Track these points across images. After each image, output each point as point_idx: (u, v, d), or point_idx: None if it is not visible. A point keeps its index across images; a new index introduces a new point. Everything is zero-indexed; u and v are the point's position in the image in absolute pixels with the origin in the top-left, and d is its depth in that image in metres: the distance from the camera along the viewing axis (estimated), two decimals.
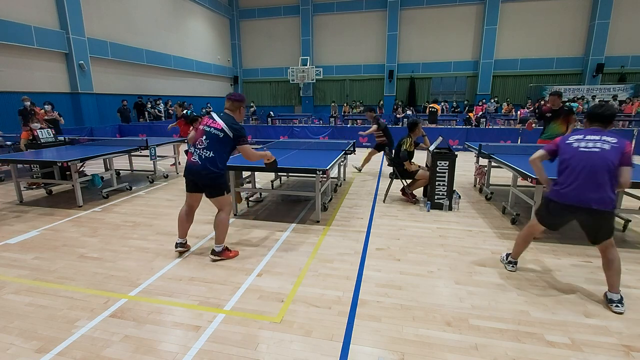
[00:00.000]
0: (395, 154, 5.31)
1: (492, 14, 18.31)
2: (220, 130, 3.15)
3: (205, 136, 3.16)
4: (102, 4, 13.00)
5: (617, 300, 2.54)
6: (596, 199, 2.44)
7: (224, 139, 3.17)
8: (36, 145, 6.59)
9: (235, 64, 22.93)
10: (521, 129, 11.25)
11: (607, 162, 2.42)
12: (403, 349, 2.15)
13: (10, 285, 2.96)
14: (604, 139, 2.50)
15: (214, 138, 3.15)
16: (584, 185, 2.47)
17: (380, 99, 20.53)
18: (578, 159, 2.52)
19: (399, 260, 3.37)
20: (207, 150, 3.14)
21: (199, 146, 3.17)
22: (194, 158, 3.17)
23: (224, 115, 3.24)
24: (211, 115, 3.28)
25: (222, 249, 3.38)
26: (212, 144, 3.15)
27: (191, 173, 3.20)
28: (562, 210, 2.64)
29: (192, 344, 2.20)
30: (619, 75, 17.94)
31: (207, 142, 3.15)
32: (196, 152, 3.17)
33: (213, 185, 3.21)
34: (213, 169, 3.13)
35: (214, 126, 3.17)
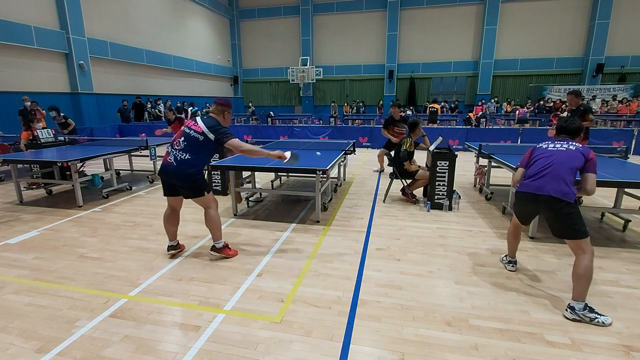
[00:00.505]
0: (395, 154, 5.31)
1: (492, 14, 18.32)
2: (201, 133, 3.05)
3: (184, 138, 3.08)
4: (102, 4, 13.01)
5: (578, 308, 2.39)
6: (555, 189, 2.54)
7: (203, 142, 3.06)
8: (36, 145, 6.59)
9: (235, 64, 22.94)
10: (521, 129, 11.26)
11: (571, 159, 2.59)
12: (403, 349, 2.15)
13: (10, 285, 2.96)
14: (570, 143, 2.70)
15: (192, 140, 3.06)
16: (546, 177, 2.62)
17: (380, 99, 20.54)
18: (545, 155, 2.72)
19: (399, 260, 3.37)
20: (183, 152, 3.05)
21: (176, 147, 3.08)
22: (170, 158, 3.09)
23: (207, 118, 3.14)
24: (195, 118, 3.17)
25: (222, 246, 3.35)
26: (190, 146, 3.06)
27: (166, 174, 3.12)
28: (525, 200, 2.77)
29: (192, 344, 2.20)
30: (619, 75, 17.95)
31: (184, 144, 3.06)
32: (172, 152, 3.09)
33: (191, 186, 3.13)
34: (188, 170, 3.04)
35: (194, 129, 3.07)
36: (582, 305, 2.41)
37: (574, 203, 2.52)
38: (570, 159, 2.60)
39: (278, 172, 6.19)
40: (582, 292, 2.43)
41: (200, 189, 3.16)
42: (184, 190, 3.17)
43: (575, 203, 2.53)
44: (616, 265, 3.23)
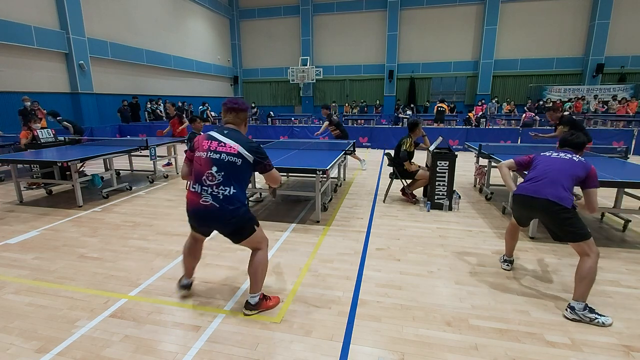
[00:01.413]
0: (395, 154, 5.31)
1: (492, 14, 18.32)
2: (237, 154, 2.27)
3: (216, 167, 2.25)
4: (102, 4, 13.01)
5: (578, 308, 2.40)
6: (552, 193, 2.55)
7: (242, 167, 2.30)
8: (36, 145, 6.59)
9: (235, 64, 22.94)
10: (521, 129, 11.25)
11: (572, 169, 2.62)
12: (403, 349, 2.15)
13: (10, 285, 2.96)
14: (574, 156, 2.73)
15: (229, 167, 2.26)
16: (544, 181, 2.65)
17: (380, 99, 20.54)
18: (546, 162, 2.78)
19: (399, 260, 3.37)
20: (224, 187, 2.25)
21: (210, 182, 2.25)
22: (206, 199, 2.25)
23: (233, 133, 2.37)
24: (212, 135, 2.35)
25: (258, 300, 2.51)
26: (229, 175, 2.26)
27: (205, 219, 2.33)
28: (522, 203, 2.79)
29: (192, 344, 2.20)
30: (619, 75, 17.95)
31: (222, 175, 2.25)
32: (206, 190, 2.26)
33: (241, 227, 2.37)
34: (237, 209, 2.28)
35: (225, 151, 2.27)
36: (582, 305, 2.41)
37: (571, 208, 2.53)
38: (572, 167, 2.63)
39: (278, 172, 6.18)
40: (584, 293, 2.43)
41: (251, 226, 2.40)
42: (232, 235, 2.41)
43: (573, 208, 2.54)
44: (616, 265, 3.23)
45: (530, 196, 2.67)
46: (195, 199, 2.29)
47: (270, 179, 2.52)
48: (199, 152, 2.33)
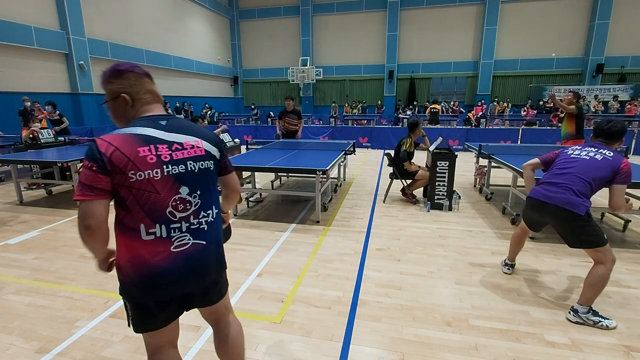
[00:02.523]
0: (395, 154, 5.31)
1: (492, 14, 18.32)
2: (207, 155, 1.39)
3: (187, 186, 1.31)
4: (102, 4, 13.01)
5: (582, 312, 2.37)
6: (562, 199, 2.40)
7: (215, 172, 1.45)
8: (36, 145, 6.59)
9: (235, 64, 22.94)
10: (521, 129, 11.25)
11: (592, 171, 2.39)
12: (403, 349, 2.15)
13: (10, 285, 2.96)
14: (599, 151, 2.48)
15: (203, 179, 1.37)
16: (557, 185, 2.47)
17: (380, 99, 20.54)
18: (564, 162, 2.56)
19: (399, 260, 3.37)
20: (205, 212, 1.38)
21: (182, 213, 1.31)
22: (185, 239, 1.32)
23: (177, 122, 1.36)
24: (151, 136, 1.26)
25: None
26: (206, 191, 1.38)
27: (191, 277, 1.37)
28: (533, 207, 2.64)
29: (192, 344, 2.20)
30: (619, 75, 17.94)
31: (199, 195, 1.35)
32: (179, 228, 1.30)
33: (223, 272, 1.66)
34: (222, 245, 1.61)
35: (191, 156, 1.33)
36: (586, 309, 2.37)
37: (585, 215, 2.34)
38: (593, 168, 2.38)
39: (278, 172, 6.20)
40: (590, 299, 2.36)
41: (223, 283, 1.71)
42: (214, 289, 1.61)
43: (587, 215, 2.35)
44: (616, 265, 3.20)
45: (541, 201, 2.51)
46: (163, 249, 1.28)
47: (234, 183, 1.60)
48: (141, 172, 1.22)
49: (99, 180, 1.19)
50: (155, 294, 1.31)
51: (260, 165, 4.52)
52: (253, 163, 4.78)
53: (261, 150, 5.99)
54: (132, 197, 1.25)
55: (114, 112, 1.35)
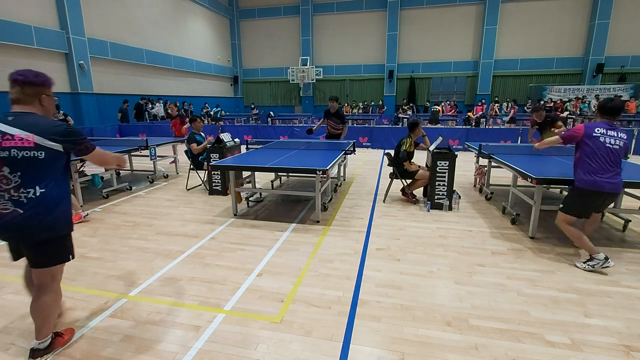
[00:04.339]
0: (395, 154, 5.31)
1: (492, 14, 18.32)
2: (35, 147, 1.81)
3: (8, 167, 1.80)
4: (102, 4, 13.01)
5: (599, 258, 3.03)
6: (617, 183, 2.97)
7: (48, 160, 1.86)
8: None
9: (235, 64, 22.94)
10: (521, 129, 11.25)
11: (620, 156, 3.01)
12: (403, 349, 2.15)
13: (10, 285, 2.96)
14: (620, 136, 2.98)
15: (27, 164, 1.82)
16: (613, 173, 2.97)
17: (380, 99, 20.55)
18: (606, 153, 2.97)
19: (399, 260, 3.37)
20: (25, 189, 1.82)
21: (5, 186, 1.81)
22: (6, 207, 1.82)
23: (23, 118, 1.85)
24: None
25: (49, 342, 2.09)
26: (30, 174, 1.84)
27: (13, 229, 1.86)
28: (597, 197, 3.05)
29: (192, 344, 2.20)
30: (619, 75, 17.95)
31: (19, 176, 1.81)
32: (2, 196, 1.82)
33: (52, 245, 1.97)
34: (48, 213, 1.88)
35: (15, 145, 1.79)
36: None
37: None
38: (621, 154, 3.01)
39: (278, 172, 6.20)
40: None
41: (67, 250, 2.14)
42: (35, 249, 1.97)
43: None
44: (616, 265, 3.23)
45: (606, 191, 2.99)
46: None
47: (95, 160, 2.09)
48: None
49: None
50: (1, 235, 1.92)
51: (260, 165, 4.52)
52: (253, 163, 4.78)
53: (261, 150, 5.99)
54: None
55: None
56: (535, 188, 3.74)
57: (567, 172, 3.99)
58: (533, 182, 3.59)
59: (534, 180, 3.56)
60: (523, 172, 3.83)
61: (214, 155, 5.71)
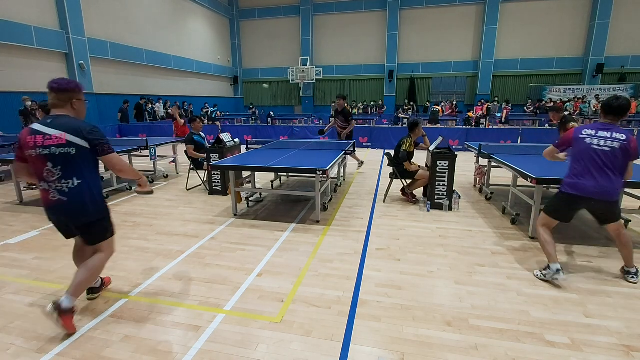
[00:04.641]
0: (395, 154, 5.31)
1: (492, 14, 18.32)
2: (67, 144, 2.17)
3: (51, 162, 2.17)
4: (102, 4, 13.01)
5: (633, 272, 2.92)
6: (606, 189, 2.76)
7: (80, 155, 2.22)
8: None
9: (235, 64, 22.94)
10: (521, 129, 11.26)
11: (616, 159, 2.73)
12: (403, 349, 2.15)
13: (10, 285, 2.96)
14: (615, 137, 2.73)
15: (64, 160, 2.19)
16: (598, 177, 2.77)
17: (380, 99, 20.54)
18: (589, 155, 2.79)
19: (399, 260, 3.37)
20: (66, 180, 2.21)
21: (51, 178, 2.20)
22: (54, 195, 2.23)
23: (58, 120, 2.22)
24: (35, 129, 2.19)
25: (101, 282, 2.76)
26: (68, 168, 2.20)
27: (61, 213, 2.29)
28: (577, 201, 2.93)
29: (192, 344, 2.20)
30: (619, 75, 17.95)
31: (60, 169, 2.19)
32: (51, 186, 2.22)
33: (95, 225, 2.38)
34: (91, 201, 2.30)
35: (53, 144, 2.15)
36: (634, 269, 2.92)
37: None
38: (616, 158, 2.74)
39: (278, 172, 6.20)
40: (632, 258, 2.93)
41: (105, 229, 2.50)
42: (83, 231, 2.42)
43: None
44: (616, 265, 3.23)
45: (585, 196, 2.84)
46: (46, 195, 2.26)
47: (110, 165, 2.34)
48: (28, 151, 2.18)
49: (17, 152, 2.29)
50: (49, 218, 2.38)
51: (260, 165, 4.52)
52: (253, 163, 4.78)
53: (261, 150, 5.99)
54: (30, 164, 2.25)
55: None
56: (535, 188, 3.74)
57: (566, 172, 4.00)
58: (533, 182, 3.59)
59: (534, 180, 3.56)
60: (523, 172, 3.83)
61: (214, 155, 5.71)
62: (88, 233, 2.40)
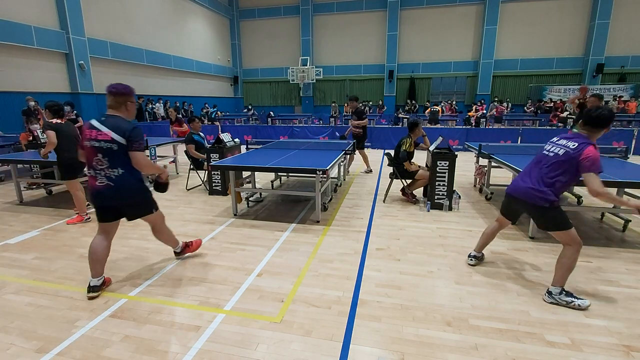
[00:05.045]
0: (395, 154, 5.31)
1: (492, 14, 18.32)
2: (111, 141, 2.56)
3: (100, 153, 2.58)
4: (102, 4, 13.01)
5: (555, 292, 2.60)
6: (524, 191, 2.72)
7: (121, 151, 2.59)
8: (36, 145, 6.58)
9: (235, 64, 22.94)
10: (521, 129, 11.26)
11: (554, 164, 2.60)
12: (403, 349, 2.15)
13: (10, 285, 2.96)
14: (566, 145, 2.57)
15: (109, 152, 2.57)
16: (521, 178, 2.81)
17: (380, 99, 20.54)
18: (534, 158, 2.84)
19: (399, 260, 3.37)
20: (112, 169, 2.61)
21: (100, 166, 2.60)
22: (101, 181, 2.61)
23: (110, 119, 2.62)
24: (92, 124, 2.62)
25: (181, 248, 3.35)
26: (112, 159, 2.59)
27: (107, 198, 2.64)
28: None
29: (192, 344, 2.20)
30: (619, 75, 17.95)
31: (107, 160, 2.58)
32: (99, 173, 2.61)
33: (139, 203, 2.80)
34: (130, 188, 2.68)
35: (102, 138, 2.56)
36: (558, 289, 2.59)
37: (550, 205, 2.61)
38: (553, 162, 2.61)
39: (278, 172, 6.20)
40: (561, 278, 2.60)
41: (149, 204, 2.90)
42: (131, 208, 2.82)
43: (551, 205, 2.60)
44: (616, 265, 3.23)
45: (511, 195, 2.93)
46: (93, 181, 2.65)
47: (134, 160, 2.64)
48: (85, 142, 2.63)
49: (81, 141, 2.75)
50: (93, 204, 2.74)
51: (260, 165, 4.52)
52: (253, 163, 4.78)
53: (261, 150, 5.99)
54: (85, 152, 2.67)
55: None
56: None
57: None
58: None
59: None
60: None
61: (214, 155, 5.71)
62: (135, 209, 2.82)
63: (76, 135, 4.44)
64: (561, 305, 2.57)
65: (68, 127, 4.42)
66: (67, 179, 4.41)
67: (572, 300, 2.54)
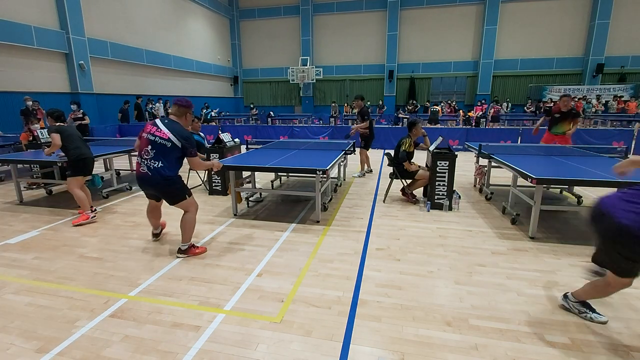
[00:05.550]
0: (395, 154, 5.31)
1: (492, 14, 18.33)
2: (167, 140, 3.12)
3: (151, 146, 3.13)
4: (102, 4, 13.01)
5: (572, 299, 2.47)
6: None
7: (171, 149, 3.14)
8: (36, 145, 6.59)
9: (235, 64, 22.94)
10: (521, 129, 11.26)
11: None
12: (403, 349, 2.15)
13: (10, 285, 2.96)
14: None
15: (160, 148, 3.12)
16: None
17: (380, 99, 20.54)
18: None
19: (399, 260, 3.37)
20: (154, 161, 3.13)
21: (145, 156, 3.15)
22: (143, 169, 3.17)
23: (170, 123, 3.20)
24: (156, 123, 3.22)
25: (187, 247, 3.46)
26: (159, 154, 3.13)
27: (145, 183, 3.24)
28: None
29: (192, 344, 2.20)
30: (619, 75, 17.95)
31: (154, 152, 3.12)
32: (144, 162, 3.16)
33: (170, 192, 3.28)
34: (165, 177, 3.16)
35: (159, 135, 3.12)
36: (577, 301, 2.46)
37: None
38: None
39: (278, 172, 6.20)
40: (587, 294, 2.38)
41: (181, 193, 3.34)
42: (165, 196, 3.36)
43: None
44: None
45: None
46: (138, 167, 3.21)
47: (191, 164, 3.36)
48: (144, 134, 3.20)
49: (140, 133, 3.35)
50: (140, 186, 3.35)
51: (260, 165, 4.52)
52: (253, 163, 4.78)
53: (261, 150, 5.99)
54: (139, 142, 3.31)
55: None
56: (535, 188, 3.74)
57: (567, 172, 4.00)
58: (533, 182, 3.59)
59: (534, 180, 3.56)
60: (523, 172, 3.83)
61: (214, 155, 5.70)
62: (168, 196, 3.31)
63: (79, 135, 4.66)
64: (572, 312, 2.46)
65: (71, 128, 4.69)
66: (72, 176, 4.45)
67: (586, 312, 2.40)
